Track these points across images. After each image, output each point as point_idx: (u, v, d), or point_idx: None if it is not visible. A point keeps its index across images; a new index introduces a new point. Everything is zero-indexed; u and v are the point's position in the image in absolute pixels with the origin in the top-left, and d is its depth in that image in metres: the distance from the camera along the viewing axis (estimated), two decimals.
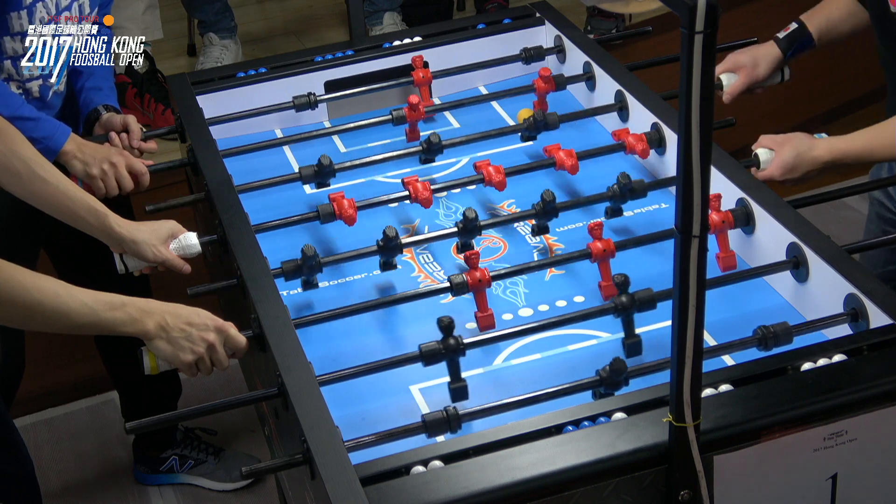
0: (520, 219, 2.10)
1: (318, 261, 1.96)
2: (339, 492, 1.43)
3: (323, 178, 2.23)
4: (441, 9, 3.98)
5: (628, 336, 1.79)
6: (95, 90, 2.47)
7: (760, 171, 2.11)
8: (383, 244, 1.98)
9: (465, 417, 1.64)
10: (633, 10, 3.74)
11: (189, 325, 1.73)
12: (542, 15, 2.76)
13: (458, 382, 1.73)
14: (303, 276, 1.97)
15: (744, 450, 1.51)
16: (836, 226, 3.29)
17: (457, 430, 1.61)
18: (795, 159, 2.07)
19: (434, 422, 1.60)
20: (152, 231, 2.02)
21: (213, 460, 3.06)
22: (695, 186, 1.25)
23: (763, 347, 1.72)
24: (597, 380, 1.66)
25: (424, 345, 1.71)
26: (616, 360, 1.64)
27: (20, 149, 1.94)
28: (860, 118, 2.22)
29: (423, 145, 2.30)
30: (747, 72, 2.38)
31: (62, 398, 3.40)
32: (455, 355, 1.71)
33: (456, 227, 2.03)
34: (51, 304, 1.62)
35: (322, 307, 1.98)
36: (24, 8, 2.22)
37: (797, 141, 2.08)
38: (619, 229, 2.14)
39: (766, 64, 2.37)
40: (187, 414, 1.72)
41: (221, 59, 3.63)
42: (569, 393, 1.66)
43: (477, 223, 2.02)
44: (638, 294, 1.77)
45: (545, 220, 2.06)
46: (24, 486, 2.42)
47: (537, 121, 2.33)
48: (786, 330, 1.72)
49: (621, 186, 2.07)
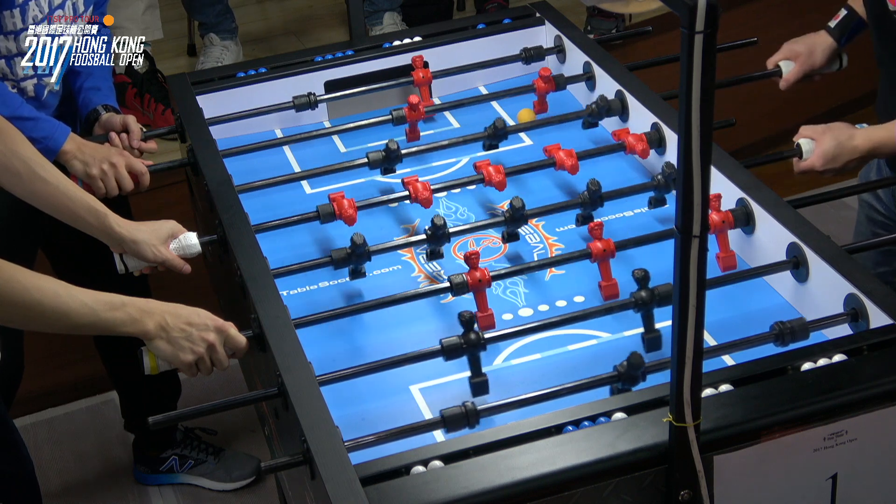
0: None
1: (367, 249, 1.97)
2: (339, 492, 1.44)
3: (390, 163, 2.28)
4: (441, 9, 3.98)
5: (648, 331, 1.79)
6: (94, 90, 2.47)
7: (802, 161, 2.10)
8: (431, 233, 2.01)
9: (505, 407, 1.65)
10: (633, 10, 3.74)
11: (189, 324, 1.73)
12: (542, 15, 2.76)
13: (479, 377, 1.74)
14: (351, 264, 1.98)
15: (744, 450, 1.51)
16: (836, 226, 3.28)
17: (475, 426, 1.61)
18: (836, 149, 2.06)
19: (453, 417, 1.60)
20: (152, 231, 2.02)
21: (213, 460, 3.06)
22: (695, 186, 1.25)
23: (780, 343, 1.72)
24: (614, 375, 1.66)
25: (446, 339, 1.72)
26: (634, 354, 1.64)
27: (20, 149, 1.94)
28: (860, 118, 2.21)
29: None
30: (803, 60, 2.39)
31: (62, 398, 3.40)
32: (476, 350, 1.72)
33: (503, 216, 2.05)
34: (51, 305, 1.62)
35: (322, 307, 1.98)
36: (17, 7, 2.21)
37: (837, 130, 2.08)
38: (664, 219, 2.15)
39: (822, 52, 2.38)
40: (187, 414, 1.71)
41: (222, 59, 3.63)
42: (586, 388, 1.66)
43: (524, 212, 2.03)
44: (658, 289, 1.77)
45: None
46: (24, 486, 2.42)
47: (600, 107, 2.36)
48: (802, 326, 1.72)
49: (666, 177, 2.10)
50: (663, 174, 2.12)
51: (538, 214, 2.10)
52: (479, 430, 1.57)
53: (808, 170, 2.09)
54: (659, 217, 2.17)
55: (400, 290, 1.96)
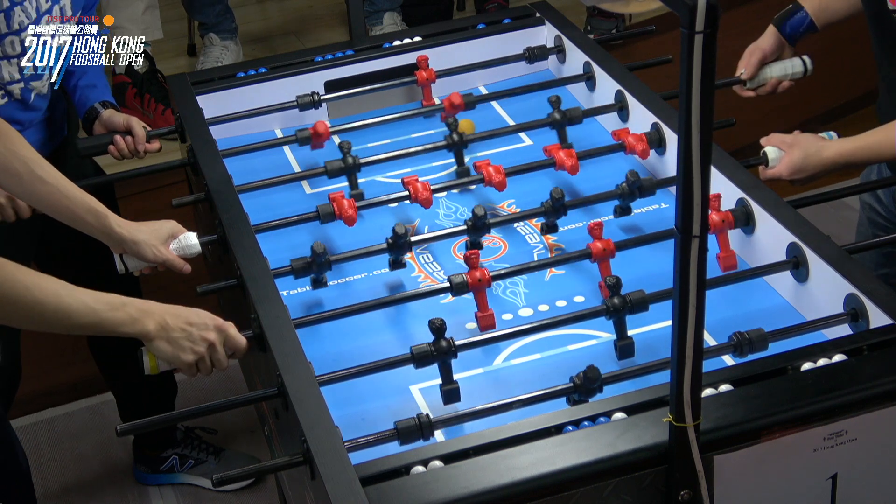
0: (521, 218, 2.10)
1: (327, 258, 1.96)
2: (339, 492, 1.43)
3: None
4: (441, 9, 3.98)
5: (620, 338, 1.79)
6: (90, 88, 2.46)
7: (769, 170, 2.10)
8: (392, 242, 1.98)
9: (465, 417, 1.64)
10: (633, 10, 3.74)
11: (189, 324, 1.73)
12: (542, 15, 2.76)
13: (449, 384, 1.73)
14: (312, 273, 1.97)
15: (744, 450, 1.51)
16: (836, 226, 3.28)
17: (429, 438, 1.60)
18: (804, 161, 2.06)
19: (406, 429, 1.59)
20: (152, 231, 2.02)
21: (214, 460, 3.06)
22: (695, 186, 1.25)
23: (739, 354, 1.72)
24: (571, 387, 1.65)
25: (416, 347, 1.71)
26: (590, 367, 1.64)
27: (20, 149, 1.94)
28: (859, 118, 2.22)
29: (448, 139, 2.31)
30: (752, 51, 2.39)
31: (62, 398, 3.40)
32: (446, 357, 1.71)
33: (465, 224, 2.03)
34: (51, 304, 1.62)
35: (322, 307, 1.98)
36: (2, 11, 2.20)
37: (806, 143, 2.08)
38: (627, 227, 2.14)
39: (767, 39, 2.38)
40: (187, 414, 1.71)
41: (222, 59, 3.63)
42: (541, 400, 1.65)
43: (486, 220, 2.01)
44: (630, 296, 1.77)
45: (554, 218, 2.06)
46: (20, 485, 2.42)
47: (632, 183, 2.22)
48: (761, 336, 1.71)
49: (630, 185, 2.06)
50: (627, 182, 2.08)
51: (537, 215, 2.09)
52: (479, 431, 1.57)
53: (775, 178, 2.09)
54: (623, 226, 2.16)
55: (400, 290, 1.96)
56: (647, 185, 2.08)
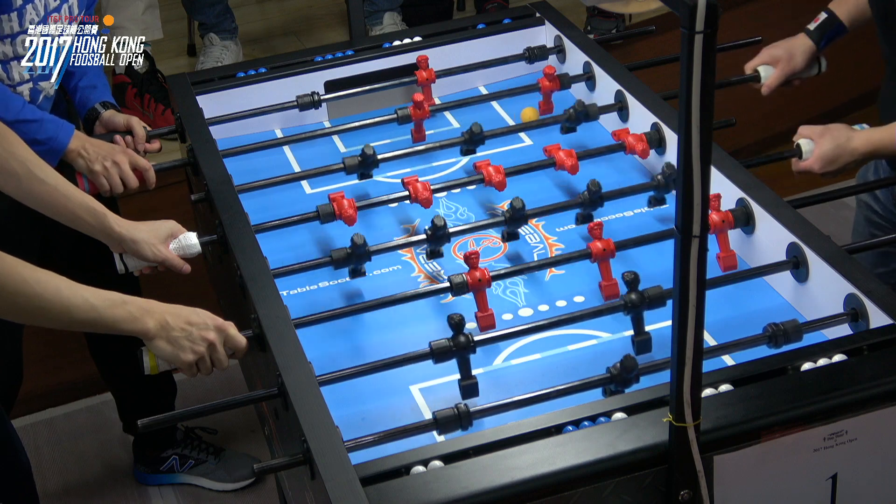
0: (561, 209, 2.11)
1: (367, 249, 1.98)
2: (339, 492, 1.44)
3: (367, 168, 2.26)
4: (441, 9, 3.98)
5: (638, 333, 1.79)
6: (90, 88, 2.46)
7: (801, 162, 2.10)
8: (431, 233, 2.01)
9: (507, 407, 1.65)
10: (633, 10, 3.74)
11: (189, 324, 1.73)
12: (542, 15, 2.76)
13: (468, 380, 1.73)
14: (351, 264, 1.98)
15: (744, 450, 1.51)
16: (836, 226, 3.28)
17: (468, 427, 1.61)
18: (835, 151, 2.05)
19: (445, 419, 1.60)
20: (151, 230, 2.02)
21: (214, 460, 3.06)
22: (695, 186, 1.25)
23: (773, 345, 1.72)
24: (607, 377, 1.66)
25: (435, 342, 1.72)
26: (627, 356, 1.64)
27: (17, 150, 1.93)
28: (860, 118, 2.21)
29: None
30: (783, 64, 2.37)
31: (62, 398, 3.40)
32: (465, 352, 1.72)
33: (503, 216, 2.05)
34: (52, 299, 1.62)
35: (322, 307, 1.98)
36: (14, 10, 2.20)
37: (836, 132, 2.07)
38: (662, 218, 2.15)
39: (802, 55, 2.37)
40: (187, 414, 1.71)
41: (222, 59, 3.63)
42: (578, 391, 1.66)
43: (524, 212, 2.03)
44: (648, 291, 1.77)
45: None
46: (22, 485, 2.42)
47: (578, 111, 2.35)
48: (796, 328, 1.72)
49: (666, 177, 2.08)
50: (663, 174, 2.12)
51: (538, 214, 2.10)
52: (480, 430, 1.57)
53: (807, 170, 2.09)
54: (659, 216, 2.17)
55: (400, 290, 1.96)
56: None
